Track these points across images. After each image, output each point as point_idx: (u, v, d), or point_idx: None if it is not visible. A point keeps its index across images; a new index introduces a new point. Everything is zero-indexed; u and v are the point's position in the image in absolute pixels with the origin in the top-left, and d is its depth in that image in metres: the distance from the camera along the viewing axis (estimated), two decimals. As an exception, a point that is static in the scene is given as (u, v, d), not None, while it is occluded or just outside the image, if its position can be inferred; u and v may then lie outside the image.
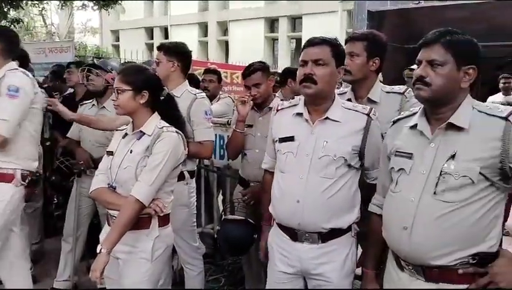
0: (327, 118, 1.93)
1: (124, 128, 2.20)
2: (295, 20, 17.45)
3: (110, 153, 2.15)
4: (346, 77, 2.26)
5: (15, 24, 8.86)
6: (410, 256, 1.59)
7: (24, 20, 14.65)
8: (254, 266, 3.05)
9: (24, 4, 9.57)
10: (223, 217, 2.78)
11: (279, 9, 17.23)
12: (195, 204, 2.94)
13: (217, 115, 3.77)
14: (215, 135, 3.54)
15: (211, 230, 3.84)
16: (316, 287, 1.96)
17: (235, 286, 3.48)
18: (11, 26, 8.28)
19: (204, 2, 19.51)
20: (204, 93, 2.91)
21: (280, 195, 1.99)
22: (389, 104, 2.24)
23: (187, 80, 2.91)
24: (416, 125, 1.66)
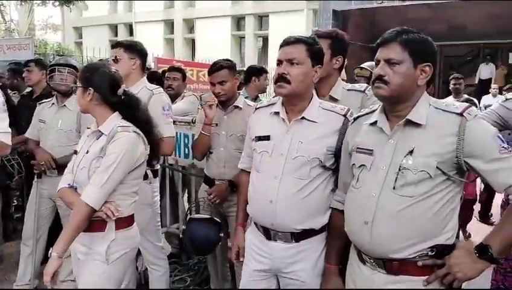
0: (303, 118, 1.92)
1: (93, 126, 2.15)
2: (262, 18, 17.49)
3: (75, 152, 2.12)
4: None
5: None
6: (371, 250, 1.62)
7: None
8: (219, 265, 3.04)
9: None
10: (189, 217, 2.75)
11: (245, 7, 17.23)
12: (158, 204, 2.91)
13: (182, 113, 3.74)
14: (179, 134, 3.53)
15: (177, 230, 3.80)
16: (288, 285, 1.96)
17: (201, 286, 3.45)
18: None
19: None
20: (161, 88, 2.88)
21: (254, 194, 1.99)
22: (350, 101, 2.26)
23: (145, 77, 2.89)
24: (376, 122, 1.69)
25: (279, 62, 1.93)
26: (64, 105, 3.16)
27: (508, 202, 1.61)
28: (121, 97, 2.09)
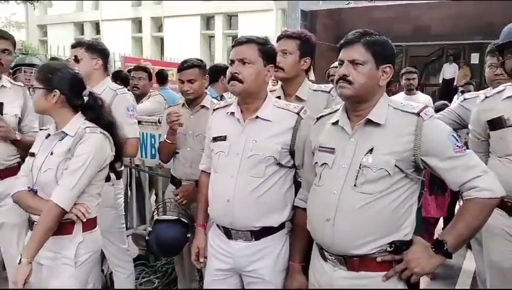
0: (258, 117, 1.95)
1: (47, 128, 2.11)
2: (231, 17, 17.45)
3: (32, 155, 2.05)
4: (278, 74, 2.29)
5: None
6: (333, 247, 1.65)
7: None
8: (187, 266, 3.03)
9: None
10: (155, 218, 2.73)
11: (214, 6, 17.14)
12: (122, 205, 2.88)
13: (148, 113, 3.70)
14: (146, 134, 3.49)
15: (144, 231, 3.75)
16: (250, 283, 1.98)
17: (169, 287, 3.43)
18: None
19: (137, -3, 19.03)
20: (125, 88, 2.84)
21: (213, 195, 2.00)
22: (316, 102, 2.30)
23: (109, 77, 2.84)
24: (337, 121, 1.73)
25: (231, 62, 1.95)
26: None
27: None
28: (85, 98, 2.05)
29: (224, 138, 1.98)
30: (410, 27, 12.34)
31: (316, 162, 1.76)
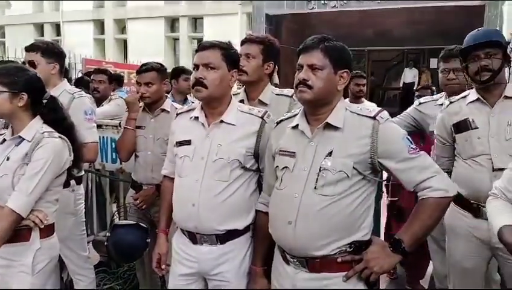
0: (222, 121, 1.95)
1: (3, 133, 2.04)
2: (196, 20, 17.36)
3: None
4: (241, 77, 2.30)
5: None
6: (295, 249, 1.67)
7: None
8: (148, 272, 2.98)
9: None
10: (113, 223, 2.68)
11: (179, 9, 17.00)
12: (83, 211, 2.81)
13: (108, 117, 3.64)
14: (106, 138, 3.43)
15: (104, 237, 3.66)
16: (216, 287, 1.97)
17: (131, 293, 3.37)
18: None
19: (100, -2, 18.64)
20: (83, 92, 2.78)
21: (177, 199, 1.99)
22: (279, 106, 2.32)
23: (65, 80, 2.78)
24: (297, 125, 1.75)
25: (195, 67, 1.95)
26: None
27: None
28: (45, 101, 2.01)
29: (188, 142, 1.98)
30: (372, 32, 12.65)
31: (277, 165, 1.78)
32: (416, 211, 1.66)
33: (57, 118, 2.04)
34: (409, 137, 1.68)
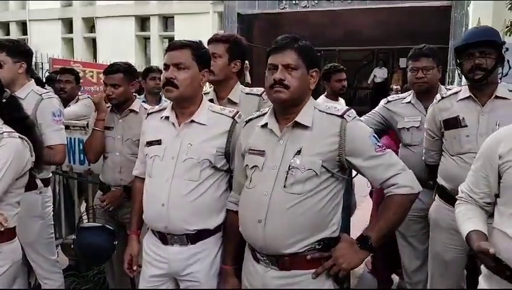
0: (193, 121, 1.94)
1: None
2: (167, 19, 17.19)
3: None
4: (209, 77, 2.29)
5: None
6: (265, 247, 1.68)
7: None
8: (117, 274, 2.94)
9: None
10: (79, 225, 2.63)
11: (150, 8, 16.80)
12: (51, 214, 2.75)
13: (76, 117, 3.56)
14: (74, 139, 3.36)
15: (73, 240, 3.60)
16: (187, 287, 1.96)
17: (102, 296, 3.32)
18: None
19: (67, -4, 18.22)
20: (51, 92, 2.72)
21: (147, 199, 1.98)
22: (249, 105, 2.32)
23: (33, 80, 2.70)
24: (266, 124, 1.76)
25: (166, 66, 1.93)
26: None
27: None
28: (4, 101, 1.95)
29: (159, 142, 1.96)
30: (343, 32, 12.81)
31: (247, 164, 1.78)
32: (382, 208, 1.69)
33: (17, 118, 1.99)
34: (375, 135, 1.71)
